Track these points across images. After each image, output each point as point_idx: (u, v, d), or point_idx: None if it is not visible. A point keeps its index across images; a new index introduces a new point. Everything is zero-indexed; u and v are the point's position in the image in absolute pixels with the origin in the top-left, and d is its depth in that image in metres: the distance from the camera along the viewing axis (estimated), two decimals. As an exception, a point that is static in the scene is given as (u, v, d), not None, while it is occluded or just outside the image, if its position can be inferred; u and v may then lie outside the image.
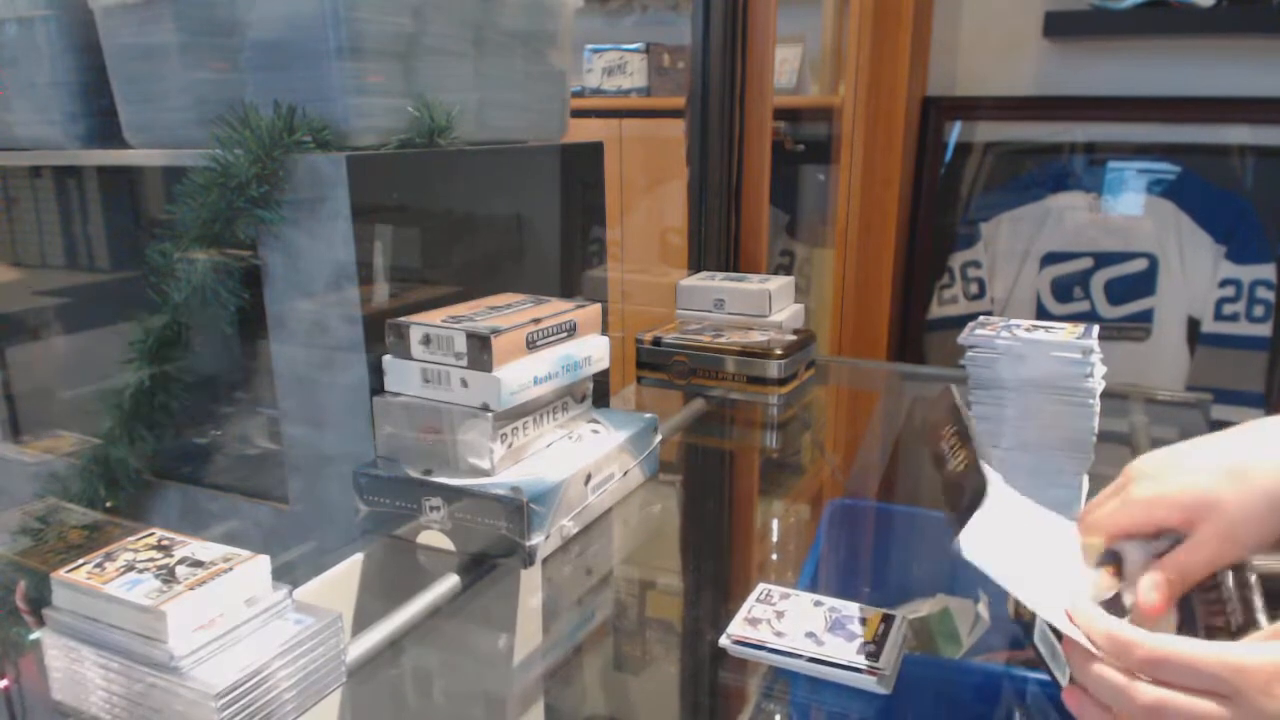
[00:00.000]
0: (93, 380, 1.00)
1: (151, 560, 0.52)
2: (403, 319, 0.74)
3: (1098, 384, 0.81)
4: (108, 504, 0.88)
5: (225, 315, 0.79)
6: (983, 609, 0.93)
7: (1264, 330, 1.81)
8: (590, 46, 2.23)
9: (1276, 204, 1.80)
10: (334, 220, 0.73)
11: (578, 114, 1.08)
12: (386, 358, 0.75)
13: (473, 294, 0.84)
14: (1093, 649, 0.46)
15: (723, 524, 0.99)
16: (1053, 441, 0.83)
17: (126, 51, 0.85)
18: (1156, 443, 0.94)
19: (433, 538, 0.71)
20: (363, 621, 0.62)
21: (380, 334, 0.75)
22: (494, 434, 0.71)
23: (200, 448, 0.95)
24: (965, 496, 0.58)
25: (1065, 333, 0.83)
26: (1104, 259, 1.93)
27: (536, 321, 0.74)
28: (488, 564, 0.71)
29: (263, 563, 0.52)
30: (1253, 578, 0.51)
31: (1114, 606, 0.52)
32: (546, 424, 0.79)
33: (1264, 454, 0.51)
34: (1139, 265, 1.90)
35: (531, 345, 0.74)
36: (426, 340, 0.72)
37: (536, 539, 0.68)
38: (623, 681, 0.85)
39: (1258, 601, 0.50)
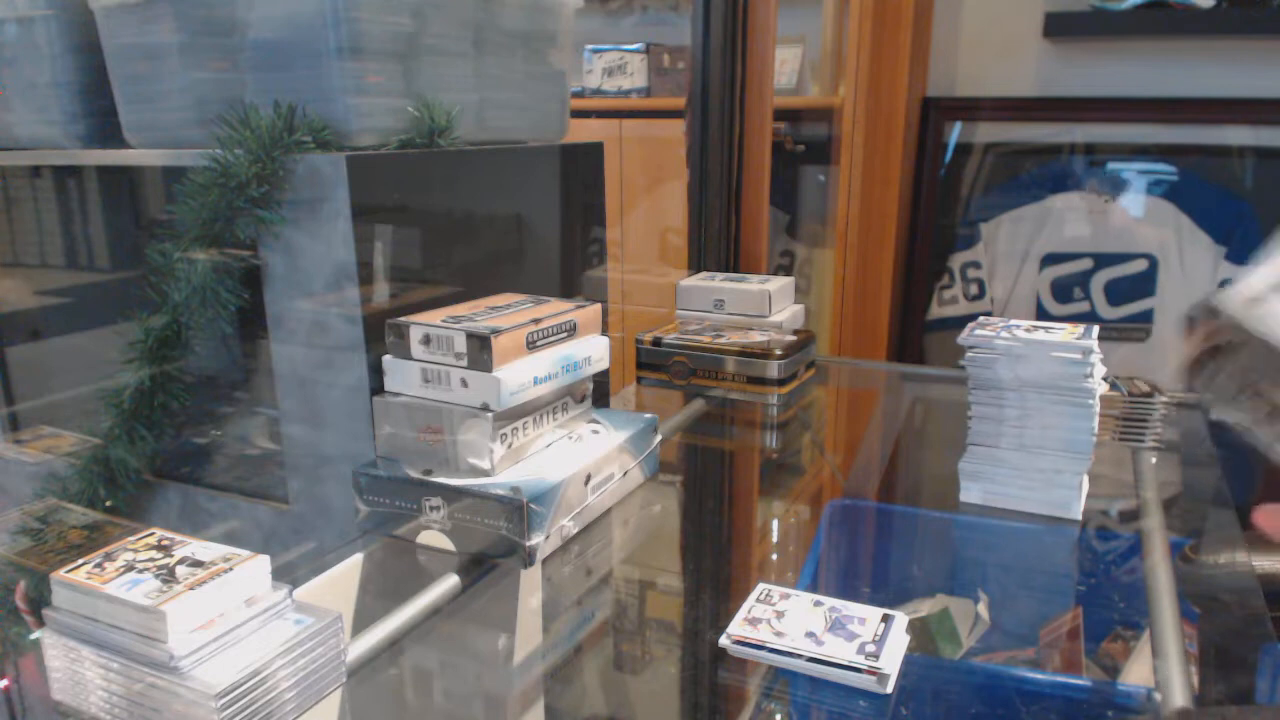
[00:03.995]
0: (93, 380, 1.00)
1: (151, 560, 0.52)
2: (403, 319, 0.74)
3: (1098, 384, 0.81)
4: (108, 504, 0.87)
5: (225, 315, 0.79)
6: (983, 609, 0.93)
7: (1264, 331, 1.81)
8: (590, 47, 2.23)
9: (1276, 205, 1.80)
10: (334, 220, 0.73)
11: (578, 114, 1.08)
12: (386, 358, 0.75)
13: (473, 294, 0.84)
14: None
15: (723, 524, 0.99)
16: (1053, 442, 0.83)
17: (126, 51, 0.85)
18: (1156, 444, 0.94)
19: (433, 538, 0.71)
20: (363, 621, 0.62)
21: (380, 334, 0.75)
22: (494, 434, 0.71)
23: (200, 448, 0.95)
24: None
25: (1065, 333, 0.83)
26: (1104, 260, 1.93)
27: (536, 321, 0.74)
28: (488, 564, 0.71)
29: (263, 563, 0.52)
30: None
31: None
32: (546, 424, 0.79)
33: None
34: (1139, 266, 1.90)
35: (531, 345, 0.74)
36: (426, 340, 0.72)
37: (536, 539, 0.68)
38: (623, 681, 0.85)
39: None
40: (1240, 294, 0.74)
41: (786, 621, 0.65)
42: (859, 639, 0.62)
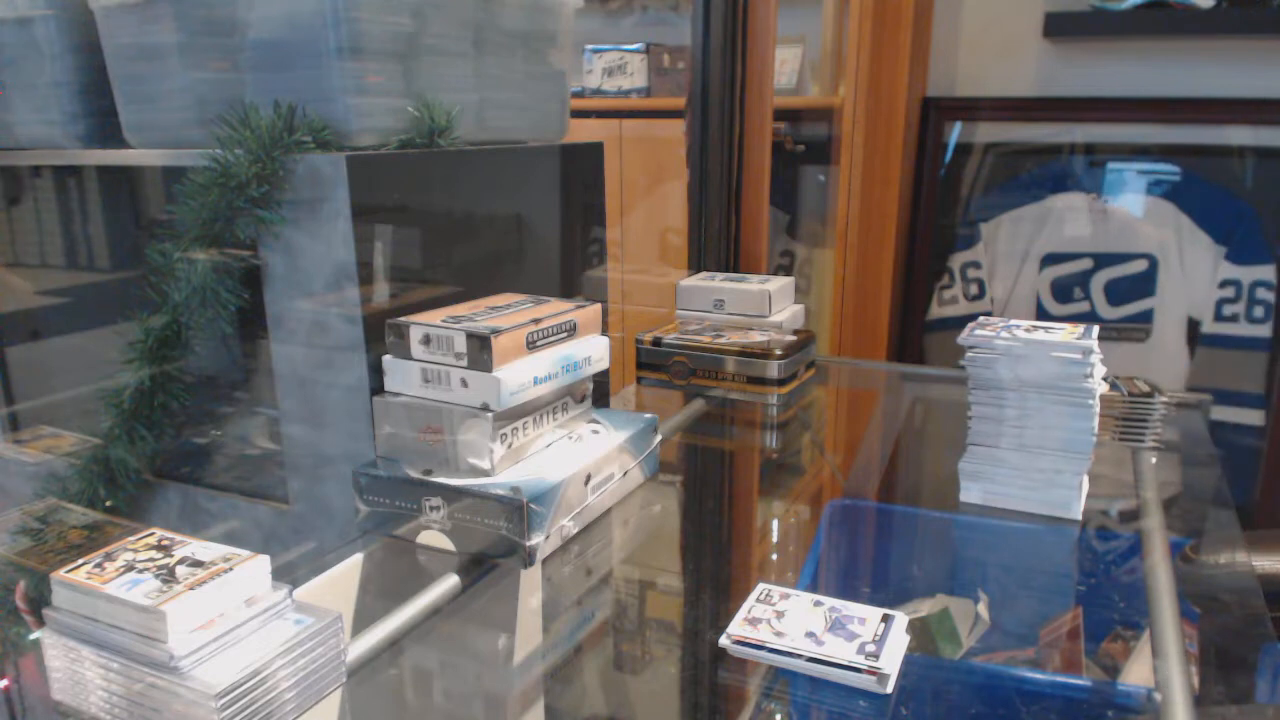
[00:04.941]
0: (92, 380, 1.00)
1: (151, 560, 0.52)
2: (403, 319, 0.74)
3: (1098, 384, 0.81)
4: (108, 504, 0.87)
5: (225, 315, 0.79)
6: (983, 609, 0.93)
7: (1264, 331, 1.81)
8: (590, 47, 2.23)
9: (1276, 205, 1.80)
10: (334, 220, 0.73)
11: (578, 114, 1.08)
12: (386, 358, 0.75)
13: (473, 294, 0.84)
14: None
15: (723, 524, 0.99)
16: (1052, 442, 0.83)
17: (126, 51, 0.85)
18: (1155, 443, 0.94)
19: (433, 538, 0.71)
20: (363, 621, 0.62)
21: (380, 334, 0.75)
22: (494, 434, 0.71)
23: (200, 448, 0.95)
24: None
25: (1065, 333, 0.83)
26: (1104, 260, 1.93)
27: (536, 321, 0.74)
28: (488, 564, 0.71)
29: (263, 563, 0.52)
30: None
31: None
32: (546, 424, 0.79)
33: None
34: (1139, 266, 1.90)
35: (531, 345, 0.74)
36: (426, 340, 0.72)
37: (536, 539, 0.68)
38: (623, 681, 0.85)
39: None
40: None
41: (786, 621, 0.65)
42: (859, 639, 0.62)
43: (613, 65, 2.21)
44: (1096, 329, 0.84)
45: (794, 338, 1.12)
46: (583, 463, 0.75)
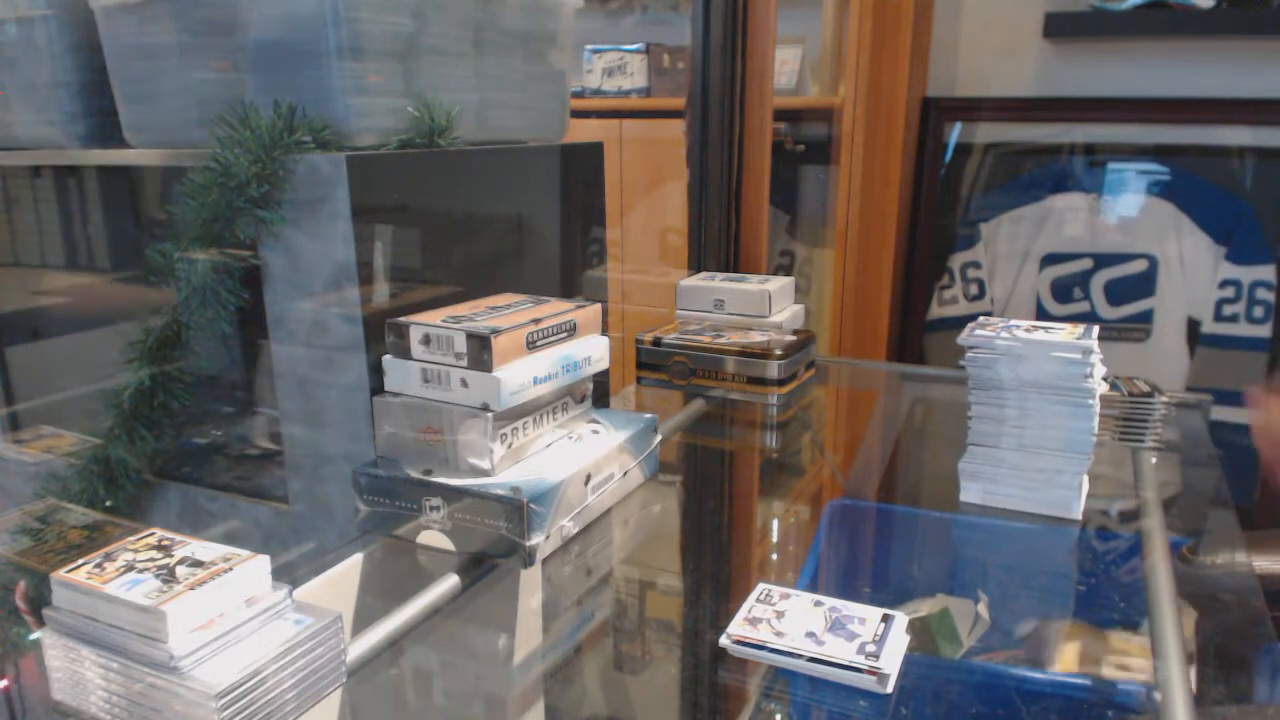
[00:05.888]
0: (93, 380, 1.00)
1: (151, 560, 0.52)
2: (403, 319, 0.74)
3: (1098, 384, 0.81)
4: (108, 504, 0.87)
5: (225, 315, 0.79)
6: (983, 609, 0.93)
7: (1264, 331, 1.81)
8: (590, 47, 2.23)
9: (1276, 205, 1.80)
10: (334, 220, 0.73)
11: (578, 114, 1.08)
12: (386, 358, 0.75)
13: (473, 294, 0.84)
14: None
15: (723, 524, 0.99)
16: (1053, 442, 0.83)
17: (126, 51, 0.85)
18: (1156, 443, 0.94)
19: (433, 538, 0.71)
20: (363, 621, 0.62)
21: (380, 334, 0.75)
22: (494, 434, 0.71)
23: (200, 448, 0.95)
24: None
25: (1065, 333, 0.83)
26: (1104, 260, 1.93)
27: (536, 321, 0.74)
28: (488, 564, 0.71)
29: (263, 563, 0.52)
30: None
31: None
32: (546, 424, 0.79)
33: None
34: (1139, 266, 1.90)
35: (531, 345, 0.74)
36: (426, 340, 0.72)
37: (536, 539, 0.68)
38: (623, 681, 0.84)
39: None
40: None
41: (786, 621, 0.65)
42: (859, 639, 0.62)
43: (613, 65, 2.21)
44: (1096, 329, 0.84)
45: (794, 338, 1.12)
46: (583, 463, 0.75)
